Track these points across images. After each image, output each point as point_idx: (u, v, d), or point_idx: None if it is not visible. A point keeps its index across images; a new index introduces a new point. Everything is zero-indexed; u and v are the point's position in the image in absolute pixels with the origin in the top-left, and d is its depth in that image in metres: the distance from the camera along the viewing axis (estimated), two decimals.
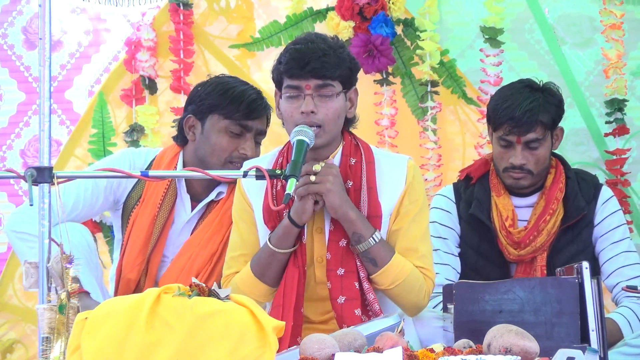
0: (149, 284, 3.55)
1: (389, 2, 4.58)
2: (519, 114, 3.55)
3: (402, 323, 2.75)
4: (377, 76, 4.66)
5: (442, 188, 3.98)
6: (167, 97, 4.79)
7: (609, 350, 3.05)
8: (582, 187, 3.70)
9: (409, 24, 4.64)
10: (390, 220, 3.16)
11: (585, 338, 2.78)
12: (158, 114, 4.75)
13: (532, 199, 3.70)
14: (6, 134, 5.00)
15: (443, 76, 4.63)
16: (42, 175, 2.58)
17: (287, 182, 2.83)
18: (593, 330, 2.77)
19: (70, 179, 2.76)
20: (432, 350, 2.49)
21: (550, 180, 3.69)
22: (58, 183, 2.60)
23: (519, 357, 2.41)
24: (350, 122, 3.23)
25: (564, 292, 2.83)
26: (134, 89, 4.73)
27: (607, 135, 4.62)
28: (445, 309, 3.07)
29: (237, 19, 4.79)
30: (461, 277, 3.68)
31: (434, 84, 4.62)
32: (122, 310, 2.40)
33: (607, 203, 3.70)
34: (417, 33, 4.59)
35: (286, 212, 3.11)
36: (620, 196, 4.37)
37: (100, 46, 4.95)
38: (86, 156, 4.75)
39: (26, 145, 5.00)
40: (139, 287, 3.55)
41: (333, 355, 2.47)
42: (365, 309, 3.12)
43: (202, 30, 4.79)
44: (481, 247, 3.71)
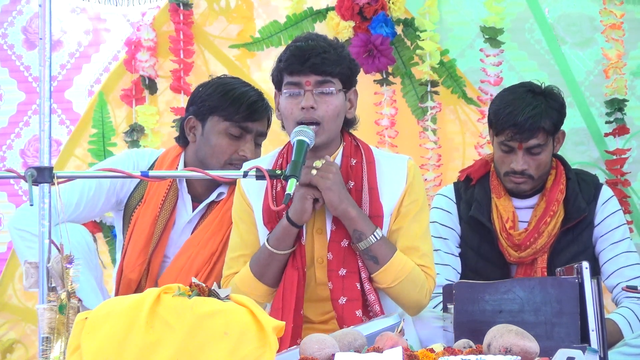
0: (150, 284, 3.55)
1: (389, 2, 4.58)
2: (521, 120, 3.52)
3: (402, 323, 2.75)
4: (377, 76, 4.65)
5: (442, 187, 3.96)
6: (167, 97, 4.79)
7: (608, 350, 3.05)
8: (582, 188, 3.69)
9: (409, 24, 4.64)
10: (390, 219, 3.16)
11: (585, 338, 2.78)
12: (158, 114, 4.75)
13: (533, 200, 3.69)
14: (6, 134, 5.00)
15: (443, 76, 4.62)
16: (43, 175, 2.58)
17: (287, 182, 2.84)
18: (593, 330, 2.77)
19: (70, 179, 2.76)
20: (432, 350, 2.49)
21: (551, 182, 3.68)
22: (58, 183, 2.60)
23: (519, 357, 2.41)
24: (350, 124, 3.23)
25: (564, 292, 2.83)
26: (134, 89, 4.73)
27: (607, 135, 4.62)
28: (445, 309, 3.07)
29: (237, 19, 4.79)
30: (461, 277, 3.67)
31: (434, 84, 4.61)
32: (122, 310, 2.40)
33: (607, 203, 3.69)
34: (417, 33, 4.59)
35: (285, 213, 3.11)
36: (620, 196, 4.36)
37: (100, 46, 4.95)
38: (86, 156, 4.75)
39: (26, 145, 4.99)
40: (140, 288, 3.55)
41: (333, 355, 2.47)
42: (366, 309, 3.12)
43: (202, 30, 4.79)
44: (481, 248, 3.70)
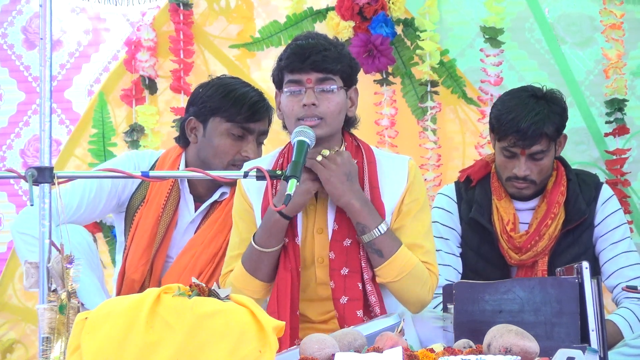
0: (154, 284, 3.54)
1: (389, 2, 4.58)
2: (524, 127, 3.49)
3: (402, 323, 2.75)
4: (377, 76, 4.65)
5: (444, 186, 3.94)
6: (167, 97, 4.79)
7: (608, 351, 3.05)
8: (582, 189, 3.68)
9: (409, 24, 4.64)
10: (392, 218, 3.16)
11: (585, 338, 2.78)
12: (158, 114, 4.75)
13: (534, 202, 3.68)
14: (6, 134, 5.00)
15: (443, 76, 4.62)
16: (43, 176, 2.57)
17: (287, 182, 2.83)
18: (593, 330, 2.77)
19: (70, 179, 2.76)
20: (432, 350, 2.49)
21: (552, 184, 3.67)
22: (58, 183, 2.60)
23: (519, 357, 2.41)
24: (351, 123, 3.23)
25: (564, 292, 2.83)
26: (134, 89, 4.73)
27: (607, 135, 4.61)
28: (445, 309, 3.06)
29: (237, 19, 4.79)
30: (461, 278, 3.67)
31: (433, 84, 4.61)
32: (122, 310, 2.40)
33: (607, 203, 3.69)
34: (417, 33, 4.59)
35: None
36: (620, 196, 4.36)
37: (100, 45, 4.95)
38: (86, 156, 4.75)
39: (26, 145, 4.99)
40: (143, 288, 3.53)
41: (333, 355, 2.47)
42: (368, 309, 3.11)
43: (202, 30, 4.79)
44: (481, 249, 3.69)
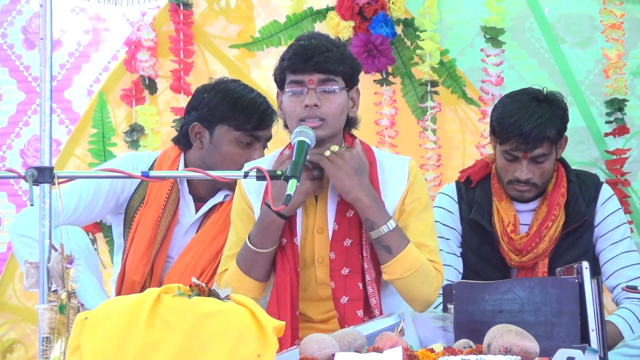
0: (154, 285, 3.53)
1: (389, 2, 4.58)
2: (527, 130, 3.48)
3: (402, 323, 2.75)
4: (377, 76, 4.65)
5: (444, 186, 3.92)
6: (167, 97, 4.79)
7: (608, 352, 3.04)
8: (582, 190, 3.67)
9: (409, 24, 4.64)
10: (393, 218, 3.16)
11: (585, 338, 2.78)
12: (158, 114, 4.75)
13: (534, 204, 3.67)
14: (6, 134, 5.00)
15: (443, 76, 4.62)
16: (43, 176, 2.57)
17: (287, 182, 2.83)
18: (593, 330, 2.77)
19: (70, 179, 2.76)
20: (432, 350, 2.49)
21: (552, 185, 3.66)
22: (59, 183, 2.60)
23: (519, 357, 2.41)
24: (352, 123, 3.23)
25: (564, 292, 2.82)
26: (134, 89, 4.73)
27: (607, 135, 4.61)
28: (445, 309, 3.06)
29: (237, 19, 4.78)
30: (462, 278, 3.67)
31: (433, 84, 4.61)
32: (122, 310, 2.40)
33: (606, 203, 3.68)
34: (417, 33, 4.59)
35: (266, 205, 3.07)
36: (620, 196, 4.35)
37: (100, 45, 4.95)
38: (86, 156, 4.75)
39: (26, 145, 4.99)
40: (144, 289, 3.51)
41: (333, 355, 2.47)
42: (368, 310, 3.11)
43: (202, 30, 4.79)
44: (481, 250, 3.69)
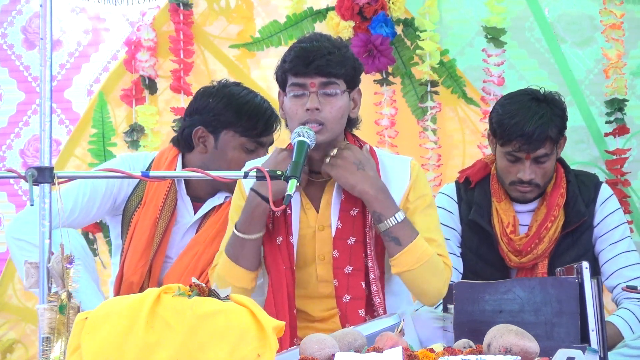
0: (152, 286, 3.52)
1: (389, 2, 4.58)
2: (529, 131, 3.48)
3: (402, 323, 2.75)
4: (377, 76, 4.65)
5: (444, 185, 3.93)
6: (167, 97, 4.79)
7: (608, 352, 3.04)
8: (581, 191, 3.67)
9: (409, 24, 4.64)
10: (402, 210, 3.15)
11: (585, 338, 2.78)
12: (158, 114, 4.75)
13: (533, 204, 3.67)
14: (6, 134, 5.00)
15: (443, 76, 4.62)
16: (43, 176, 2.57)
17: (287, 183, 2.83)
18: (593, 330, 2.77)
19: (70, 179, 2.76)
20: (432, 350, 2.49)
21: (551, 186, 3.66)
22: (59, 183, 2.60)
23: (519, 357, 2.41)
24: (353, 123, 3.22)
25: (564, 292, 2.82)
26: (134, 89, 4.73)
27: (607, 135, 4.61)
28: (445, 309, 3.06)
29: (237, 19, 4.78)
30: (462, 278, 3.67)
31: (433, 84, 4.61)
32: (122, 310, 2.39)
33: (605, 203, 3.68)
34: (417, 33, 4.59)
35: (253, 191, 3.05)
36: (620, 196, 4.35)
37: (100, 45, 4.95)
38: (86, 156, 4.75)
39: (26, 145, 4.99)
40: (142, 290, 3.51)
41: (333, 355, 2.46)
42: (370, 309, 3.10)
43: (202, 30, 4.79)
44: (480, 250, 3.69)
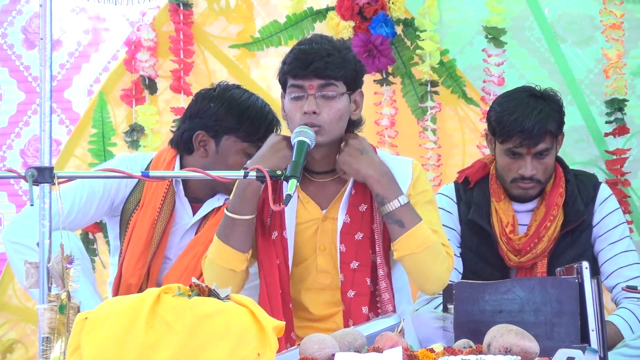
0: (151, 287, 3.52)
1: (389, 2, 4.58)
2: (529, 126, 3.49)
3: (402, 323, 2.75)
4: (377, 76, 4.65)
5: (443, 186, 3.93)
6: (167, 97, 4.79)
7: (608, 352, 3.05)
8: (580, 190, 3.67)
9: (409, 24, 4.64)
10: (405, 195, 3.15)
11: (585, 338, 2.78)
12: (158, 114, 4.75)
13: (532, 204, 3.67)
14: (6, 134, 5.00)
15: (443, 76, 4.62)
16: (43, 176, 2.57)
17: (287, 182, 2.83)
18: (593, 330, 2.77)
19: (70, 179, 2.76)
20: (432, 350, 2.49)
21: (550, 185, 3.66)
22: (59, 183, 2.60)
23: (519, 357, 2.41)
24: (355, 125, 3.21)
25: (564, 292, 2.82)
26: (134, 89, 4.73)
27: (607, 135, 4.61)
28: (445, 309, 3.07)
29: (237, 19, 4.78)
30: (462, 278, 3.66)
31: (433, 84, 4.61)
32: (122, 310, 2.39)
33: (605, 203, 3.68)
34: (417, 33, 4.59)
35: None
36: (620, 196, 4.35)
37: (100, 45, 4.95)
38: (86, 156, 4.75)
39: (26, 145, 4.99)
40: (140, 291, 3.51)
41: (333, 355, 2.47)
42: (374, 306, 3.10)
43: (202, 30, 4.79)
44: (480, 250, 3.69)
